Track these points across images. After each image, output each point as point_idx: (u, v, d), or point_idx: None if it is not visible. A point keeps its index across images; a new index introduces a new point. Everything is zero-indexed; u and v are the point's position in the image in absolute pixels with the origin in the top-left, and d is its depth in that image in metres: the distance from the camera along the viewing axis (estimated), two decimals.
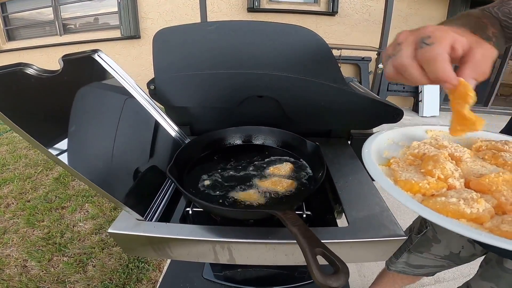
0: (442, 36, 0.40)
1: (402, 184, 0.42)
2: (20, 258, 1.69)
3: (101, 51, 0.73)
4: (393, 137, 0.59)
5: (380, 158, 0.52)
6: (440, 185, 0.41)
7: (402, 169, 0.47)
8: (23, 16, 5.14)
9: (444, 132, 0.62)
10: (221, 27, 0.77)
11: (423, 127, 0.62)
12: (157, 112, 0.79)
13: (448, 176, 0.43)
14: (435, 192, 0.41)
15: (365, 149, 0.51)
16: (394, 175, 0.45)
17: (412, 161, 0.50)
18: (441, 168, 0.43)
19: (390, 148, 0.55)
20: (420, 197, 0.41)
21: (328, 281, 0.35)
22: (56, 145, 0.48)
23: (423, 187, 0.41)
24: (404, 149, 0.56)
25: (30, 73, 0.52)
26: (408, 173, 0.45)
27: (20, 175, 2.56)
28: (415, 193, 0.41)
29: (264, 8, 4.54)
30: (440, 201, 0.37)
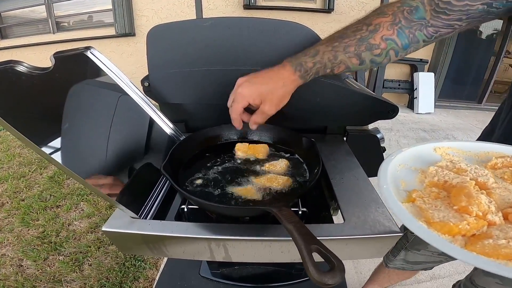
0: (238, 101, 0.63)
1: (439, 227, 0.38)
2: (16, 257, 1.68)
3: (94, 48, 0.72)
4: (403, 162, 0.55)
5: (398, 191, 0.48)
6: (481, 224, 0.38)
7: (429, 205, 0.43)
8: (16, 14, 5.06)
9: (452, 149, 0.59)
10: (216, 23, 0.76)
11: (430, 145, 0.59)
12: (152, 109, 0.78)
13: (486, 211, 0.39)
14: (476, 232, 0.38)
15: (383, 184, 0.46)
16: (425, 216, 0.41)
17: (437, 194, 0.46)
18: (477, 204, 0.40)
19: (404, 175, 0.52)
20: (461, 239, 0.37)
21: (324, 278, 0.34)
22: (49, 144, 0.47)
23: (464, 228, 0.37)
24: (420, 175, 0.52)
25: (21, 70, 0.51)
26: (440, 211, 0.41)
27: (14, 174, 2.54)
28: (454, 236, 0.37)
29: (260, 5, 4.52)
30: (488, 244, 0.34)
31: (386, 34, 0.56)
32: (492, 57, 4.82)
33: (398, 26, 0.56)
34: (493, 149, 0.58)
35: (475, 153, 0.59)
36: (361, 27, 0.58)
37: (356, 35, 0.58)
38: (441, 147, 0.59)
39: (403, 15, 0.56)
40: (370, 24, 0.58)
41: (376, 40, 0.57)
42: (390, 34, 0.57)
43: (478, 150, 0.59)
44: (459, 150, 0.59)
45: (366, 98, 0.83)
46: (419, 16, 0.56)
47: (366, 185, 0.64)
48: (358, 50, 0.58)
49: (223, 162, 0.74)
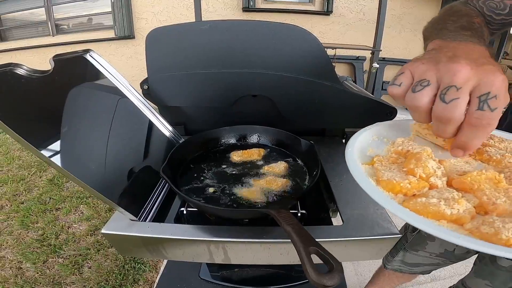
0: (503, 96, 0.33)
1: (384, 184, 0.41)
2: (15, 260, 1.67)
3: (93, 51, 0.72)
4: (378, 134, 0.56)
5: (364, 156, 0.50)
6: (422, 185, 0.40)
7: (385, 168, 0.45)
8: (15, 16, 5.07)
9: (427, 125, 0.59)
10: (215, 26, 0.76)
11: (409, 121, 0.59)
12: (151, 112, 0.79)
13: (430, 174, 0.41)
14: (417, 192, 0.40)
15: (348, 147, 0.49)
16: (377, 175, 0.43)
17: (395, 159, 0.48)
18: (423, 166, 0.42)
19: (375, 145, 0.54)
20: (402, 197, 0.39)
21: (323, 280, 0.35)
22: (48, 147, 0.47)
23: (404, 187, 0.39)
24: (389, 145, 0.54)
25: (20, 73, 0.51)
26: (391, 172, 0.43)
27: (14, 177, 2.54)
28: (396, 194, 0.39)
29: (259, 8, 4.53)
30: (420, 202, 0.36)
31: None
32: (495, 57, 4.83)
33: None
34: None
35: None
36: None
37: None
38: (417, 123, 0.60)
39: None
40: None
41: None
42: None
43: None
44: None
45: (364, 100, 0.83)
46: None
47: None
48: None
49: (222, 164, 0.74)
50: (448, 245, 0.90)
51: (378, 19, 3.54)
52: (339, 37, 4.67)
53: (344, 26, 4.64)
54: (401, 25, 4.54)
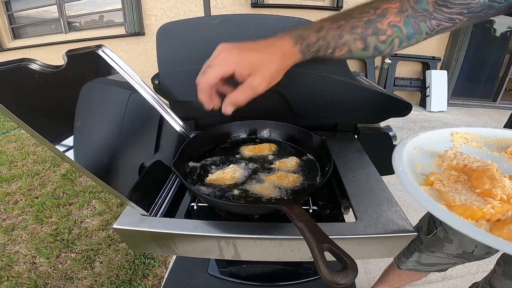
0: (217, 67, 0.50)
1: (461, 210, 0.36)
2: (29, 255, 1.71)
3: (105, 46, 0.73)
4: (419, 145, 0.53)
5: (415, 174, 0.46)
6: (506, 208, 0.36)
7: (449, 188, 0.41)
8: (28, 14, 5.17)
9: (471, 134, 0.57)
10: (225, 20, 0.76)
11: (447, 130, 0.57)
12: (162, 107, 0.79)
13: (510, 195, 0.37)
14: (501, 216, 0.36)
15: (398, 166, 0.44)
16: (445, 199, 0.39)
17: (457, 178, 0.44)
18: (501, 186, 0.38)
19: (420, 159, 0.50)
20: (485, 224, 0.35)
21: (336, 278, 0.34)
22: (62, 141, 0.48)
23: (488, 212, 0.35)
24: (437, 159, 0.50)
25: (34, 68, 0.51)
26: (461, 194, 0.39)
27: (28, 172, 2.59)
28: (477, 220, 0.35)
29: (268, 3, 4.50)
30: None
31: (393, 20, 0.54)
32: (506, 55, 4.70)
33: (405, 15, 0.54)
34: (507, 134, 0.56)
35: (494, 139, 0.56)
36: (368, 10, 0.55)
37: (363, 17, 0.54)
38: (458, 132, 0.57)
39: (409, 3, 0.54)
40: (378, 8, 0.54)
41: (383, 25, 0.54)
42: (397, 21, 0.54)
43: (497, 136, 0.56)
44: (477, 136, 0.57)
45: (378, 95, 0.81)
46: (422, 7, 0.54)
47: (378, 183, 0.63)
48: (365, 33, 0.54)
49: (233, 159, 0.73)
50: (466, 247, 0.88)
51: None
52: None
53: None
54: None
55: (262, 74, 0.51)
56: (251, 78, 0.50)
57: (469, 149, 0.54)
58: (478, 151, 0.53)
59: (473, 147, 0.54)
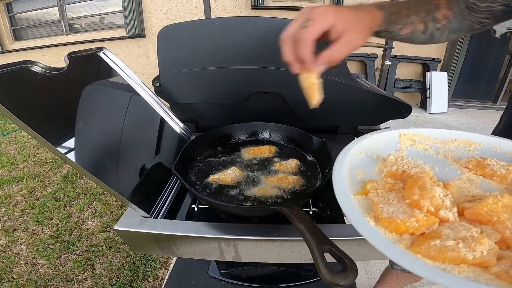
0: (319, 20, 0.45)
1: (386, 223, 0.34)
2: (30, 256, 1.71)
3: (106, 49, 0.73)
4: (365, 149, 0.50)
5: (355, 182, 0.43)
6: (431, 221, 0.34)
7: (382, 198, 0.39)
8: (30, 16, 5.18)
9: (419, 136, 0.55)
10: (225, 23, 0.76)
11: (395, 131, 0.55)
12: (163, 109, 0.79)
13: (439, 206, 0.35)
14: (426, 230, 0.34)
15: (336, 174, 0.42)
16: (375, 211, 0.37)
17: (392, 186, 0.42)
18: (430, 197, 0.36)
19: (364, 164, 0.47)
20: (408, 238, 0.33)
21: (336, 279, 0.34)
22: (64, 143, 0.48)
23: (411, 226, 0.33)
24: (380, 164, 0.48)
25: (36, 70, 0.52)
26: (391, 205, 0.37)
27: (29, 174, 2.59)
28: (401, 234, 0.34)
29: (268, 6, 4.51)
30: (434, 246, 0.30)
31: (446, 13, 0.57)
32: (506, 56, 4.70)
33: (453, 11, 0.57)
34: (460, 136, 0.55)
35: (441, 141, 0.55)
36: (424, 2, 0.58)
37: (424, 5, 0.57)
38: (406, 133, 0.55)
39: (455, 2, 0.57)
40: (431, 2, 0.58)
41: (439, 15, 0.57)
42: (449, 15, 0.57)
43: (445, 137, 0.56)
44: (425, 137, 0.56)
45: (378, 97, 0.82)
46: (461, 8, 0.57)
47: None
48: (426, 18, 0.57)
49: (233, 161, 0.73)
50: None
51: None
52: None
53: None
54: None
55: (359, 28, 0.48)
56: (348, 33, 0.46)
57: (415, 152, 0.52)
58: (423, 154, 0.52)
59: (419, 149, 0.53)
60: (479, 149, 0.53)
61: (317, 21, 0.45)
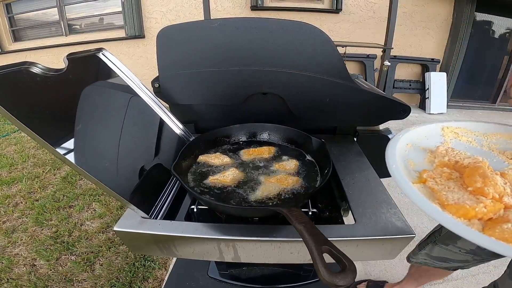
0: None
1: (454, 210, 0.35)
2: (29, 257, 1.71)
3: (105, 49, 0.73)
4: (411, 141, 0.52)
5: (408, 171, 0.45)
6: (498, 207, 0.35)
7: (442, 187, 0.40)
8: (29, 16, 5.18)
9: (461, 129, 0.57)
10: (225, 24, 0.76)
11: (438, 124, 0.57)
12: (162, 110, 0.79)
13: (502, 193, 0.37)
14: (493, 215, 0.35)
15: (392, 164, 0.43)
16: (439, 197, 0.38)
17: (449, 175, 0.43)
18: (493, 185, 0.37)
19: (412, 155, 0.49)
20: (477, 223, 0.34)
21: (335, 279, 0.34)
22: (63, 144, 0.48)
23: (480, 211, 0.34)
24: (429, 155, 0.50)
25: (35, 71, 0.52)
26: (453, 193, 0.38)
27: (29, 175, 2.59)
28: (470, 219, 0.35)
29: (267, 6, 4.52)
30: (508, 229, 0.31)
31: None
32: (505, 56, 4.71)
33: None
34: (503, 130, 0.56)
35: (483, 133, 0.57)
36: None
37: None
38: (449, 126, 0.57)
39: None
40: None
41: None
42: None
43: (487, 131, 0.57)
44: (467, 130, 0.57)
45: (377, 98, 0.82)
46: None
47: (377, 185, 0.63)
48: None
49: (233, 162, 0.73)
50: None
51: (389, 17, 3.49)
52: (349, 35, 4.62)
53: (354, 24, 4.58)
54: (412, 23, 4.47)
55: None
56: None
57: (460, 144, 0.54)
58: (468, 146, 0.54)
59: (463, 142, 0.55)
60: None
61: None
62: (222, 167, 0.71)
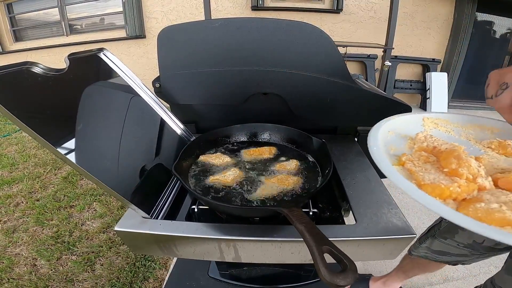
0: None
1: (429, 189, 0.37)
2: (30, 257, 1.71)
3: (106, 49, 0.73)
4: (393, 129, 0.54)
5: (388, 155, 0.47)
6: (472, 187, 0.37)
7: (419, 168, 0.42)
8: (30, 16, 5.19)
9: (441, 120, 0.59)
10: (226, 24, 0.76)
11: (419, 115, 0.59)
12: (163, 110, 0.79)
13: (476, 175, 0.38)
14: (467, 195, 0.36)
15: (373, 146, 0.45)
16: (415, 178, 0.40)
17: (426, 158, 0.45)
18: (467, 166, 0.39)
19: (394, 141, 0.51)
20: (452, 203, 0.36)
21: (336, 279, 0.34)
22: (64, 144, 0.48)
23: (455, 191, 0.36)
24: (409, 141, 0.52)
25: (37, 71, 0.52)
26: (429, 173, 0.40)
27: (30, 174, 2.59)
28: (445, 199, 0.36)
29: (268, 6, 4.52)
30: (481, 208, 0.33)
31: None
32: (506, 57, 4.70)
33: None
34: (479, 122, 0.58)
35: (462, 125, 0.58)
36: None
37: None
38: (429, 117, 0.59)
39: None
40: None
41: None
42: None
43: (466, 122, 0.59)
44: (447, 121, 0.59)
45: (378, 98, 0.82)
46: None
47: (378, 186, 0.63)
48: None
49: (233, 162, 0.73)
50: (477, 237, 0.88)
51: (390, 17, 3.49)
52: (350, 35, 4.62)
53: (355, 24, 4.58)
54: (413, 23, 4.46)
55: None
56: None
57: (439, 133, 0.56)
58: (447, 135, 0.56)
59: (442, 132, 0.57)
60: (497, 133, 0.56)
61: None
62: (222, 167, 0.71)
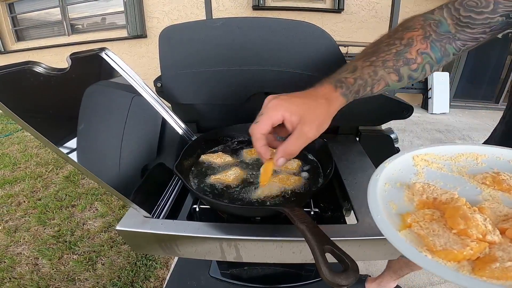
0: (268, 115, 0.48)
1: (443, 255, 0.37)
2: (31, 256, 1.72)
3: (108, 49, 0.73)
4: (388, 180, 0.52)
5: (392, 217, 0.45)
6: (483, 246, 0.38)
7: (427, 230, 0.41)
8: (32, 16, 5.21)
9: (430, 155, 0.58)
10: (227, 23, 0.76)
11: (408, 154, 0.57)
12: (164, 109, 0.79)
13: (485, 232, 0.39)
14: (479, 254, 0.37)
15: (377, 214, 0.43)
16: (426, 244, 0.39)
17: (431, 216, 0.44)
18: (475, 226, 0.39)
19: (392, 196, 0.49)
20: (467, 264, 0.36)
21: (337, 279, 0.34)
22: (66, 144, 0.48)
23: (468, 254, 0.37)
24: (406, 192, 0.50)
25: (39, 71, 0.52)
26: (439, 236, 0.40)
27: (31, 174, 2.60)
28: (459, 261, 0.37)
29: (269, 6, 4.52)
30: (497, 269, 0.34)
31: (420, 48, 0.54)
32: (508, 56, 4.69)
33: (430, 40, 0.54)
34: (465, 150, 0.58)
35: (450, 157, 0.57)
36: (394, 42, 0.55)
37: (391, 49, 0.54)
38: (419, 155, 0.57)
39: (432, 28, 0.54)
40: (403, 38, 0.55)
41: (412, 54, 0.54)
42: (424, 48, 0.54)
43: (453, 153, 0.58)
44: (436, 155, 0.58)
45: (379, 97, 0.81)
46: (444, 30, 0.54)
47: None
48: (397, 65, 0.53)
49: (235, 162, 0.73)
50: None
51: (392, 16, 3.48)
52: (351, 35, 4.61)
53: (356, 23, 4.58)
54: None
55: (311, 122, 0.49)
56: (300, 126, 0.48)
57: (432, 172, 0.54)
58: (440, 174, 0.54)
59: (434, 170, 0.55)
60: (486, 160, 0.56)
61: (266, 116, 0.48)
62: (224, 167, 0.71)
